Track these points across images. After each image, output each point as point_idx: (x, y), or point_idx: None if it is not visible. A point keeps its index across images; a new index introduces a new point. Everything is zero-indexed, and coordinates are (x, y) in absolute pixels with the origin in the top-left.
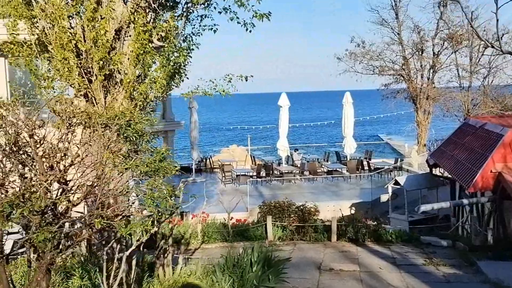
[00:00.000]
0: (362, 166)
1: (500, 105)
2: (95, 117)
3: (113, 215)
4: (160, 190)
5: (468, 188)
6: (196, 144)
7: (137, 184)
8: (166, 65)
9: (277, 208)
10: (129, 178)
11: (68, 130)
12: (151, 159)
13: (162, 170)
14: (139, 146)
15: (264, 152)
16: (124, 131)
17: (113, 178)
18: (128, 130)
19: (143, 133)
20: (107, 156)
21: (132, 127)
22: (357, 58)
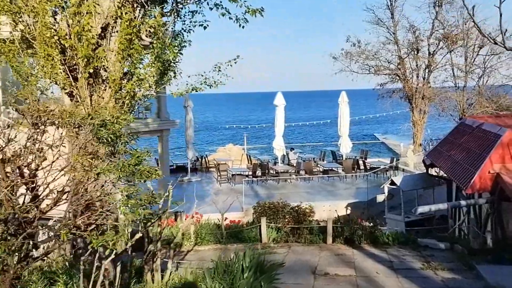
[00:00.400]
0: (358, 166)
1: (495, 105)
2: (66, 116)
3: (85, 224)
4: (136, 197)
5: (466, 189)
6: (191, 143)
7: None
8: (155, 63)
9: (271, 209)
10: (105, 183)
11: (36, 131)
12: (125, 163)
13: (139, 175)
14: (116, 148)
15: (260, 151)
16: (96, 131)
17: (85, 183)
18: (102, 131)
19: (120, 134)
20: (75, 159)
21: (107, 127)
22: (352, 58)
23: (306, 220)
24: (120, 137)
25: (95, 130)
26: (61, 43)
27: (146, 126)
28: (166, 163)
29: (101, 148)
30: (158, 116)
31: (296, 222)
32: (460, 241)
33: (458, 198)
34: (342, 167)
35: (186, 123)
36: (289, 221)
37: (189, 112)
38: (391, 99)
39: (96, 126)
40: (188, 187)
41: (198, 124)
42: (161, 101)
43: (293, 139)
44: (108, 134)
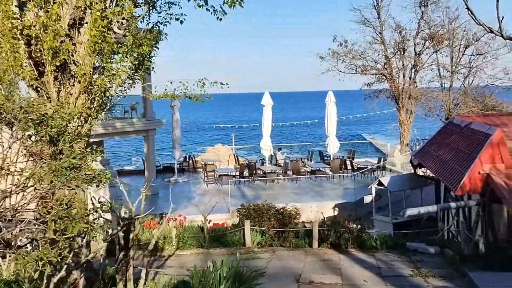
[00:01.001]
0: (345, 166)
1: (481, 105)
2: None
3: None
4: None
5: (455, 190)
6: (178, 143)
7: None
8: (127, 56)
9: (256, 212)
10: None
11: None
12: (58, 166)
13: (80, 180)
14: (60, 148)
15: (249, 151)
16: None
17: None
18: (39, 128)
19: (63, 131)
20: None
21: (47, 123)
22: (339, 58)
23: (291, 222)
24: (63, 135)
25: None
26: (27, 35)
27: (132, 126)
28: (152, 164)
29: (46, 148)
30: (144, 116)
31: (282, 225)
32: (450, 245)
33: (446, 199)
34: (330, 167)
35: (173, 123)
36: (274, 224)
37: (176, 112)
38: (378, 99)
39: (34, 121)
40: (174, 188)
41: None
42: (147, 101)
43: (280, 139)
44: (46, 131)
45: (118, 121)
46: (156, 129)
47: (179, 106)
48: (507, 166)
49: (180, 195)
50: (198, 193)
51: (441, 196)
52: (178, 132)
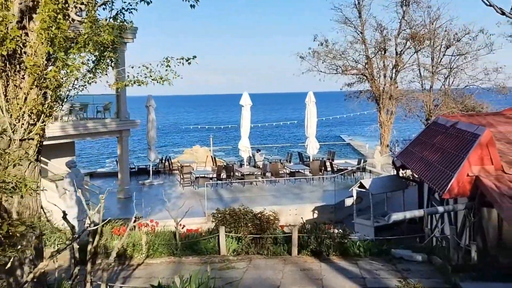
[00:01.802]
0: (325, 167)
1: (461, 106)
2: None
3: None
4: None
5: (443, 194)
6: (153, 145)
7: None
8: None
9: (232, 217)
10: None
11: None
12: None
13: None
14: None
15: (227, 152)
16: None
17: None
18: None
19: None
20: None
21: None
22: (320, 57)
23: (270, 228)
24: None
25: None
26: None
27: (104, 127)
28: (126, 166)
29: None
30: (117, 116)
31: (259, 231)
32: (438, 252)
33: (430, 202)
34: (309, 168)
35: (148, 124)
36: (251, 230)
37: (151, 112)
38: (359, 99)
39: None
40: (149, 190)
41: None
42: (121, 100)
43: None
44: None
45: (90, 122)
46: (130, 129)
47: (155, 106)
48: (496, 168)
49: (154, 198)
50: (174, 196)
51: (424, 199)
52: (153, 133)
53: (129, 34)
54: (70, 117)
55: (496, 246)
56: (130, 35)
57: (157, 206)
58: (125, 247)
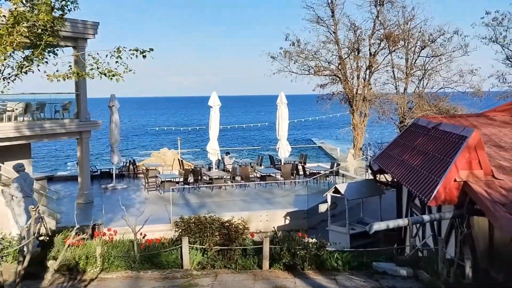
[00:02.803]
0: (297, 171)
1: (435, 108)
2: None
3: None
4: None
5: (429, 201)
6: (117, 147)
7: None
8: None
9: (197, 226)
10: None
11: None
12: None
13: None
14: None
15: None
16: None
17: None
18: None
19: None
20: None
21: None
22: (292, 57)
23: (238, 238)
24: None
25: None
26: None
27: (63, 128)
28: (86, 169)
29: None
30: (77, 116)
31: (227, 241)
32: (425, 266)
33: (409, 208)
34: (281, 172)
35: (111, 125)
36: (218, 240)
37: (115, 113)
38: (331, 101)
39: None
40: (112, 195)
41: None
42: (81, 100)
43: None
44: None
45: (47, 122)
46: (91, 131)
47: (118, 107)
48: (486, 173)
49: (117, 204)
50: (138, 201)
51: (403, 205)
52: (117, 135)
53: (89, 29)
54: (26, 117)
55: (487, 259)
56: (90, 30)
57: (119, 212)
58: (77, 260)
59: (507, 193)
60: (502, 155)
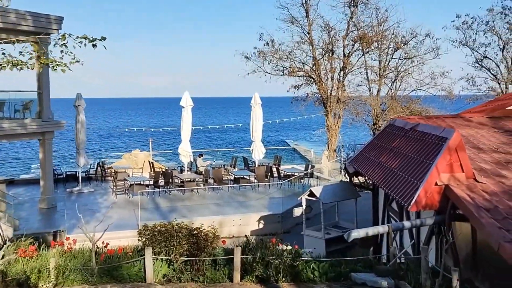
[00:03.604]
0: (271, 173)
1: (408, 110)
2: None
3: None
4: None
5: (409, 206)
6: (83, 149)
7: None
8: None
9: (163, 234)
10: None
11: None
12: None
13: None
14: None
15: (168, 157)
16: None
17: None
18: None
19: None
20: None
21: None
22: (266, 58)
23: (208, 247)
24: None
25: None
26: None
27: (24, 128)
28: (49, 171)
29: None
30: (39, 116)
31: (196, 250)
32: (407, 277)
33: (386, 212)
34: (255, 174)
35: (77, 125)
36: (186, 250)
37: (81, 113)
38: (305, 102)
39: None
40: (78, 199)
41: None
42: (43, 99)
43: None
44: None
45: (6, 122)
46: (55, 131)
47: (84, 106)
48: (468, 176)
49: (82, 209)
50: (104, 205)
51: (380, 208)
52: (83, 136)
53: (53, 24)
54: None
55: (470, 267)
56: (54, 25)
57: (84, 218)
58: (28, 274)
59: (491, 197)
60: (482, 157)
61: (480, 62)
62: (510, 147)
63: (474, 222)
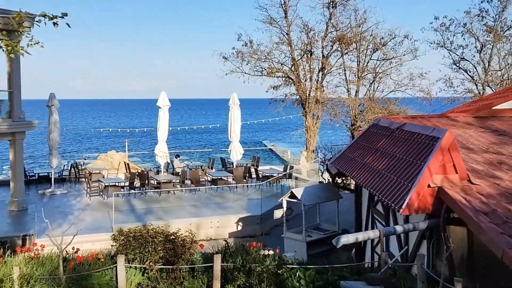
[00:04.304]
0: (249, 174)
1: (386, 111)
2: None
3: None
4: None
5: (401, 210)
6: (56, 149)
7: None
8: None
9: (137, 240)
10: None
11: None
12: None
13: None
14: None
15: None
16: None
17: None
18: None
19: None
20: None
21: None
22: (244, 58)
23: (186, 253)
24: None
25: None
26: None
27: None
28: (20, 173)
29: None
30: (9, 116)
31: (173, 257)
32: (400, 285)
33: (371, 214)
34: (233, 175)
35: (50, 126)
36: (162, 257)
37: (54, 113)
38: (284, 103)
39: None
40: (50, 201)
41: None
42: (14, 98)
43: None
44: None
45: None
46: (26, 132)
47: (58, 106)
48: (462, 178)
49: (54, 211)
50: (78, 207)
51: (363, 210)
52: (56, 136)
53: (25, 22)
54: None
55: (465, 274)
56: (27, 22)
57: (56, 221)
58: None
59: (488, 200)
60: (473, 157)
61: (458, 64)
62: (500, 147)
63: (473, 227)
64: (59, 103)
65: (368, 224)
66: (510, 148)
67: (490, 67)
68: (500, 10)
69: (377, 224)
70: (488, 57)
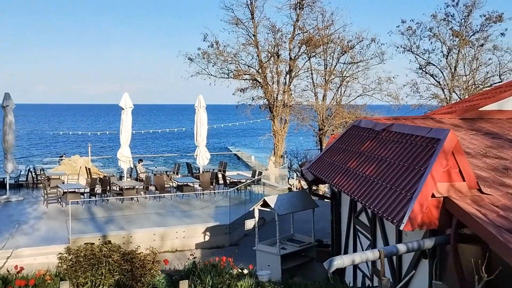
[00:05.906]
0: (216, 180)
1: (353, 116)
2: None
3: None
4: None
5: (402, 225)
6: (11, 153)
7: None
8: None
9: (88, 260)
10: None
11: None
12: None
13: None
14: None
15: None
16: None
17: None
18: None
19: None
20: None
21: None
22: (210, 59)
23: (146, 275)
24: None
25: None
26: None
27: None
28: None
29: None
30: None
31: (131, 280)
32: None
33: (352, 225)
34: (199, 181)
35: (5, 127)
36: (118, 280)
37: (9, 114)
38: (252, 107)
39: None
40: (4, 209)
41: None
42: None
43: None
44: None
45: None
46: None
47: (13, 107)
48: (471, 186)
49: (8, 220)
50: (34, 215)
51: (343, 221)
52: (11, 139)
53: None
54: None
55: None
56: None
57: (9, 230)
58: None
59: (506, 213)
60: (474, 162)
61: (424, 68)
62: (499, 151)
63: (497, 248)
64: (21, 107)
65: (349, 237)
66: (510, 152)
67: (457, 72)
68: (466, 15)
69: (361, 238)
70: (454, 62)
